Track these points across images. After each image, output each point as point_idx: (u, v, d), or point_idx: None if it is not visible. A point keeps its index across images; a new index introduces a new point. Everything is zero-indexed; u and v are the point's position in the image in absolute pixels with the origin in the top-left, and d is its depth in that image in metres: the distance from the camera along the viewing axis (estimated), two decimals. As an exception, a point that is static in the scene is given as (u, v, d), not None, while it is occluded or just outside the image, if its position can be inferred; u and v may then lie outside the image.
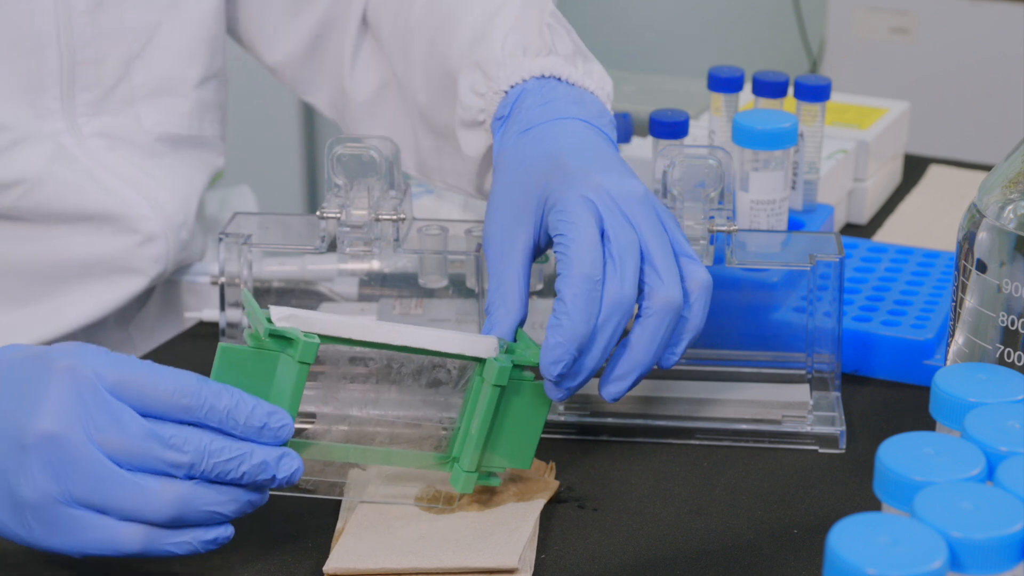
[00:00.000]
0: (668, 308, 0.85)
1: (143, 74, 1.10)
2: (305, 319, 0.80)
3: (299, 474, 0.79)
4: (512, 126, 0.96)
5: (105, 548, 0.77)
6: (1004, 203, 0.83)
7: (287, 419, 0.79)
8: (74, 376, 0.76)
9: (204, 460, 0.76)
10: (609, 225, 0.85)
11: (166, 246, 1.12)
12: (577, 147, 0.91)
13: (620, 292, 0.84)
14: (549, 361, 0.83)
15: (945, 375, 0.76)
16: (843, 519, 0.60)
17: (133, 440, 0.76)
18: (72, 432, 0.75)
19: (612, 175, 0.87)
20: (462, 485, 0.86)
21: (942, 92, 2.47)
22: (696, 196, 0.96)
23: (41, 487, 0.76)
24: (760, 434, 0.96)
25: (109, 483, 0.76)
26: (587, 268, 0.84)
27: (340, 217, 0.96)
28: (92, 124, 1.08)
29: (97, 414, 0.76)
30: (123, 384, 0.76)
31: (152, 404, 0.76)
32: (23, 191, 1.05)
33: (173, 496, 0.76)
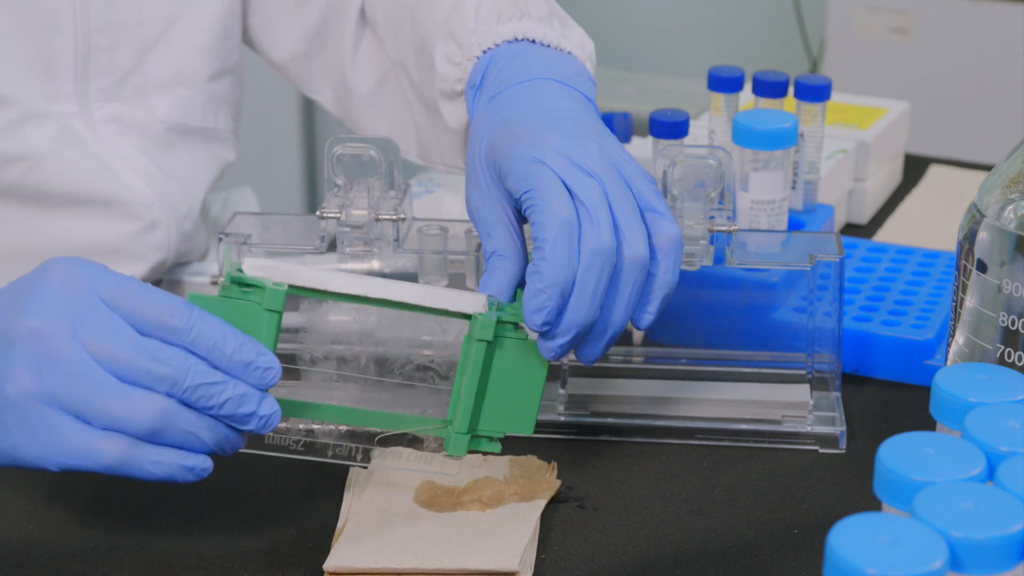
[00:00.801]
0: (634, 264, 0.82)
1: (157, 65, 1.11)
2: (279, 270, 0.79)
3: (276, 419, 0.78)
4: (483, 93, 0.95)
5: (82, 458, 0.76)
6: (1004, 203, 0.83)
7: (275, 363, 0.78)
8: (69, 279, 0.76)
9: (187, 378, 0.75)
10: (569, 179, 0.83)
11: (168, 234, 1.12)
12: (536, 109, 0.89)
13: (598, 238, 0.81)
14: (531, 309, 0.81)
15: (945, 375, 0.76)
16: (843, 519, 0.60)
17: (120, 346, 0.75)
18: (59, 330, 0.75)
19: (563, 136, 0.85)
20: (453, 447, 0.84)
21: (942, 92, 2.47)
22: (696, 196, 0.96)
23: (23, 384, 0.75)
24: (760, 434, 0.96)
25: (91, 385, 0.75)
26: (562, 211, 0.81)
27: (340, 217, 0.96)
28: (105, 110, 1.09)
29: (87, 317, 0.75)
30: (117, 295, 0.76)
31: (143, 319, 0.76)
32: (27, 167, 1.05)
33: (155, 407, 0.75)
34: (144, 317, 0.76)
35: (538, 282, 0.81)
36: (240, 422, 0.78)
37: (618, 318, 0.84)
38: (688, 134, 1.11)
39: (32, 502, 0.90)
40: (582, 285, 0.81)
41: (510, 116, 0.89)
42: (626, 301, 0.83)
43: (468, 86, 0.97)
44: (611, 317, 0.83)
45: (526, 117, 0.88)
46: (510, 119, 0.88)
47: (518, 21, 0.98)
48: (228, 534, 0.87)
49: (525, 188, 0.83)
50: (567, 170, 0.83)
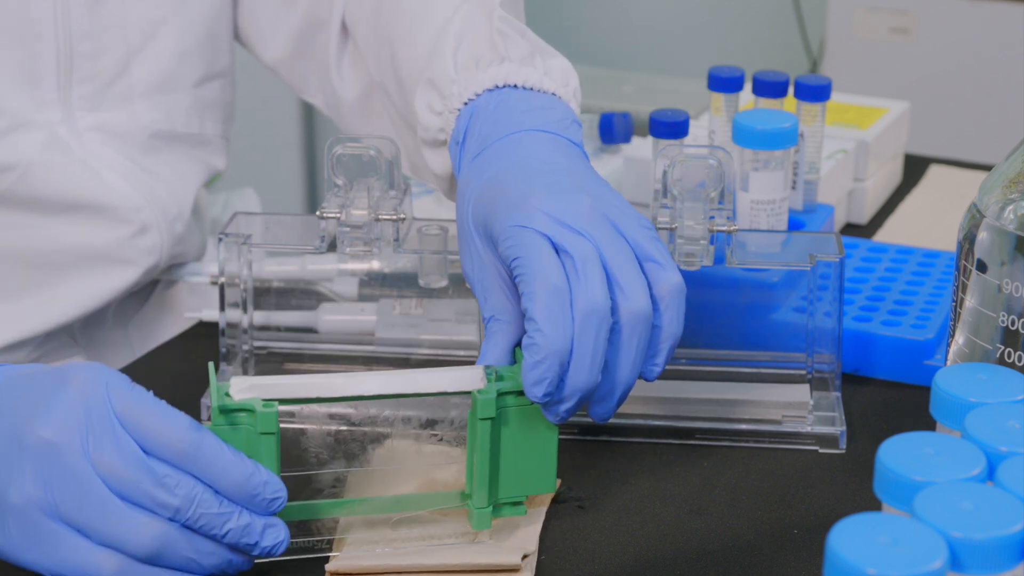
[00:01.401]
0: (635, 319, 0.81)
1: (142, 70, 1.10)
2: (266, 387, 0.79)
3: (283, 547, 0.78)
4: (467, 150, 0.92)
5: (79, 572, 0.76)
6: (1004, 203, 0.83)
7: (281, 491, 0.78)
8: (85, 391, 0.76)
9: (191, 508, 0.76)
10: (560, 241, 0.81)
11: (160, 238, 1.12)
12: (521, 166, 0.87)
13: (590, 299, 0.79)
14: (531, 382, 0.79)
15: (945, 375, 0.76)
16: (843, 519, 0.60)
17: (127, 467, 0.75)
18: (70, 444, 0.75)
19: (551, 195, 0.83)
20: (477, 522, 0.83)
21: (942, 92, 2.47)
22: (696, 196, 0.96)
23: (28, 493, 0.76)
24: (760, 434, 0.96)
25: (96, 503, 0.75)
26: (551, 278, 0.79)
27: (340, 217, 0.96)
28: (88, 118, 1.08)
29: (98, 432, 0.75)
30: (131, 413, 0.76)
31: (153, 441, 0.76)
32: (16, 176, 1.05)
33: (156, 532, 0.75)
34: (156, 439, 0.76)
35: (534, 354, 0.79)
36: (244, 550, 0.78)
37: (625, 375, 0.82)
38: (688, 134, 1.11)
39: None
40: (579, 348, 0.79)
41: (495, 176, 0.87)
42: (632, 357, 0.82)
43: (452, 141, 0.95)
44: (618, 375, 0.82)
45: (512, 177, 0.86)
46: (495, 179, 0.87)
47: (498, 66, 0.95)
48: (228, 534, 0.87)
49: (513, 256, 0.81)
50: (555, 231, 0.81)
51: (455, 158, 0.94)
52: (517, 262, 0.81)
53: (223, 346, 1.01)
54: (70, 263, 1.09)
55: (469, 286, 0.88)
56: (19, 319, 1.09)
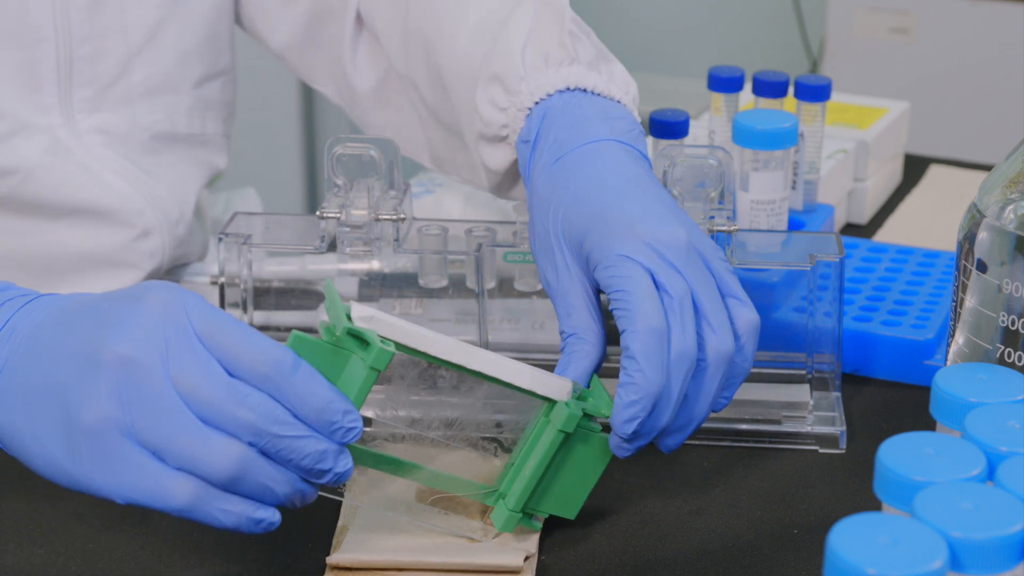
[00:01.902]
0: (722, 359, 0.84)
1: (142, 71, 1.10)
2: (385, 324, 0.78)
3: (350, 474, 0.77)
4: (542, 154, 0.92)
5: (152, 496, 0.73)
6: (1004, 203, 0.83)
7: (359, 422, 0.76)
8: (165, 308, 0.74)
9: (272, 428, 0.73)
10: (660, 277, 0.83)
11: (162, 241, 1.12)
12: (612, 187, 0.88)
13: (684, 343, 0.82)
14: (623, 420, 0.81)
15: (945, 375, 0.76)
16: (843, 519, 0.60)
17: (209, 385, 0.73)
18: (151, 361, 0.73)
19: (653, 223, 0.84)
20: (503, 524, 0.84)
21: (942, 92, 2.47)
22: (696, 196, 0.96)
23: (104, 411, 0.72)
24: (760, 434, 0.96)
25: (175, 423, 0.72)
26: (653, 321, 0.81)
27: (340, 217, 0.96)
28: (89, 121, 1.08)
29: (180, 351, 0.73)
30: (213, 332, 0.74)
31: (236, 361, 0.73)
32: (18, 181, 1.05)
33: (236, 454, 0.73)
34: (238, 359, 0.74)
35: (632, 393, 0.81)
36: (314, 476, 0.76)
37: (702, 411, 0.85)
38: (688, 134, 1.11)
39: (31, 501, 0.90)
40: (670, 391, 0.82)
41: (584, 192, 0.88)
42: (712, 394, 0.84)
43: (521, 140, 0.95)
44: (696, 409, 0.84)
45: (606, 197, 0.87)
46: (585, 195, 0.87)
47: (568, 67, 0.95)
48: (228, 534, 0.87)
49: (616, 287, 0.83)
50: (657, 266, 0.83)
51: (524, 158, 0.94)
52: (620, 295, 0.82)
53: (223, 346, 1.01)
54: (72, 267, 1.09)
55: (550, 297, 0.88)
56: None
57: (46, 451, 0.75)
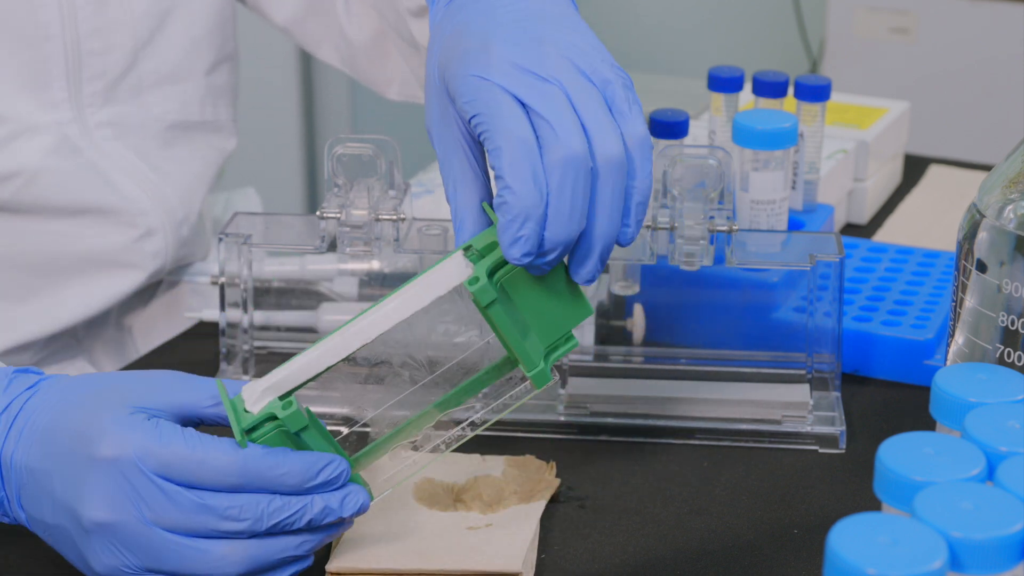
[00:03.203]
0: (610, 166, 0.75)
1: (152, 62, 1.10)
2: (278, 384, 0.78)
3: (367, 504, 0.78)
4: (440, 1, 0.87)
5: None
6: (1004, 203, 0.83)
7: (342, 465, 0.77)
8: (117, 465, 0.76)
9: (264, 520, 0.76)
10: (521, 91, 0.76)
11: (165, 241, 1.12)
12: (487, 15, 0.81)
13: (567, 146, 0.74)
14: (508, 244, 0.74)
15: (945, 375, 0.76)
16: (843, 519, 0.60)
17: (188, 515, 0.75)
18: (127, 518, 0.75)
19: (512, 44, 0.77)
20: (538, 382, 0.79)
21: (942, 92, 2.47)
22: (696, 196, 0.96)
23: (109, 563, 0.76)
24: (760, 434, 0.96)
25: (175, 555, 0.75)
26: (515, 131, 0.74)
27: (340, 217, 0.96)
28: (100, 114, 1.08)
29: (148, 497, 0.75)
30: (169, 464, 0.76)
31: (202, 481, 0.76)
32: (22, 183, 1.05)
33: (241, 556, 0.76)
34: (203, 479, 0.76)
35: (506, 213, 0.74)
36: (336, 527, 0.78)
37: (604, 227, 0.76)
38: (688, 134, 1.11)
39: (32, 502, 0.90)
40: (559, 198, 0.74)
41: (462, 23, 0.81)
42: (609, 208, 0.76)
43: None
44: (596, 229, 0.76)
45: (478, 24, 0.80)
46: (461, 27, 0.81)
47: None
48: (228, 534, 0.87)
49: (473, 112, 0.76)
50: (519, 80, 0.76)
51: (431, 11, 0.88)
52: (478, 119, 0.76)
53: (223, 346, 1.01)
54: (75, 267, 1.09)
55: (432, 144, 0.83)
56: (23, 323, 1.09)
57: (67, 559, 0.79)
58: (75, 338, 1.15)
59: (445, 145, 0.81)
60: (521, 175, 0.74)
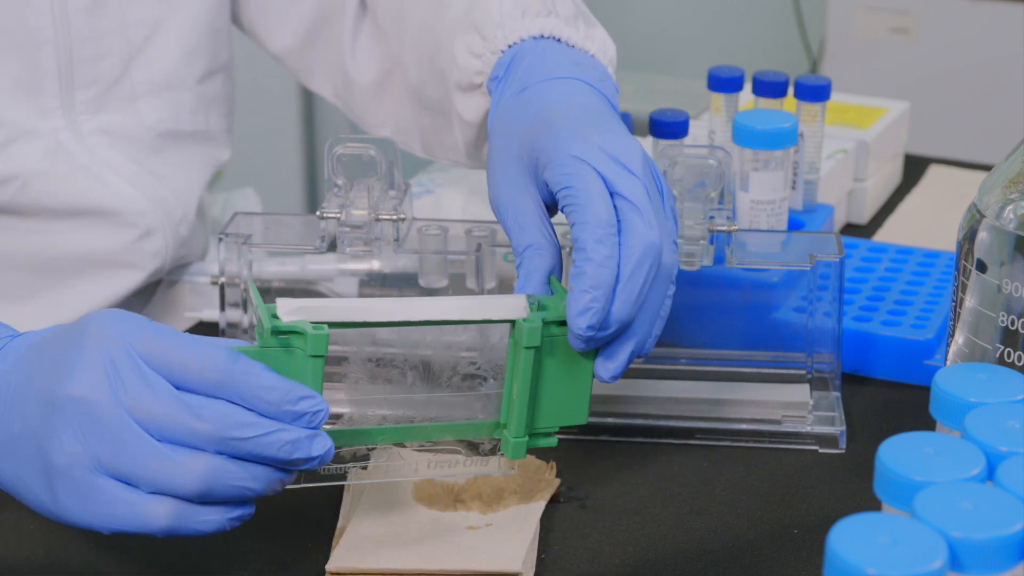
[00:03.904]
0: (667, 272, 0.82)
1: (145, 70, 1.10)
2: (314, 309, 0.78)
3: (331, 454, 0.77)
4: (508, 87, 0.94)
5: (133, 523, 0.74)
6: (1004, 203, 0.83)
7: (323, 405, 0.76)
8: (106, 342, 0.75)
9: (234, 432, 0.74)
10: (614, 180, 0.82)
11: (164, 241, 1.12)
12: (570, 104, 0.88)
13: (649, 234, 0.80)
14: (577, 312, 0.79)
15: (945, 375, 0.76)
16: (843, 519, 0.60)
17: (162, 406, 0.73)
18: (101, 396, 0.74)
19: (608, 134, 0.84)
20: (513, 452, 0.82)
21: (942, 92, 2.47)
22: (696, 196, 0.96)
23: (70, 451, 0.74)
24: (760, 434, 0.96)
25: (137, 450, 0.74)
26: (603, 214, 0.80)
27: (340, 217, 0.96)
28: (92, 122, 1.08)
29: (127, 379, 0.74)
30: (156, 353, 0.74)
31: (183, 376, 0.74)
32: (19, 186, 1.05)
33: (202, 468, 0.74)
34: (186, 373, 0.74)
35: (583, 283, 0.79)
36: (295, 465, 0.76)
37: (643, 327, 0.82)
38: (688, 134, 1.11)
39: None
40: (631, 280, 0.80)
41: (545, 109, 0.88)
42: (652, 309, 0.82)
43: (491, 78, 0.96)
44: (636, 325, 0.82)
45: (564, 111, 0.87)
46: (546, 112, 0.87)
47: (544, 18, 0.96)
48: (228, 534, 0.87)
49: (564, 184, 0.82)
50: (610, 168, 0.82)
51: (492, 93, 0.95)
52: (568, 191, 0.82)
53: (223, 346, 1.01)
54: (75, 268, 1.09)
55: (497, 217, 0.87)
56: (24, 323, 1.08)
57: (33, 494, 0.77)
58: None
59: (522, 213, 0.86)
60: (603, 251, 0.80)
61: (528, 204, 0.86)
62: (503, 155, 0.88)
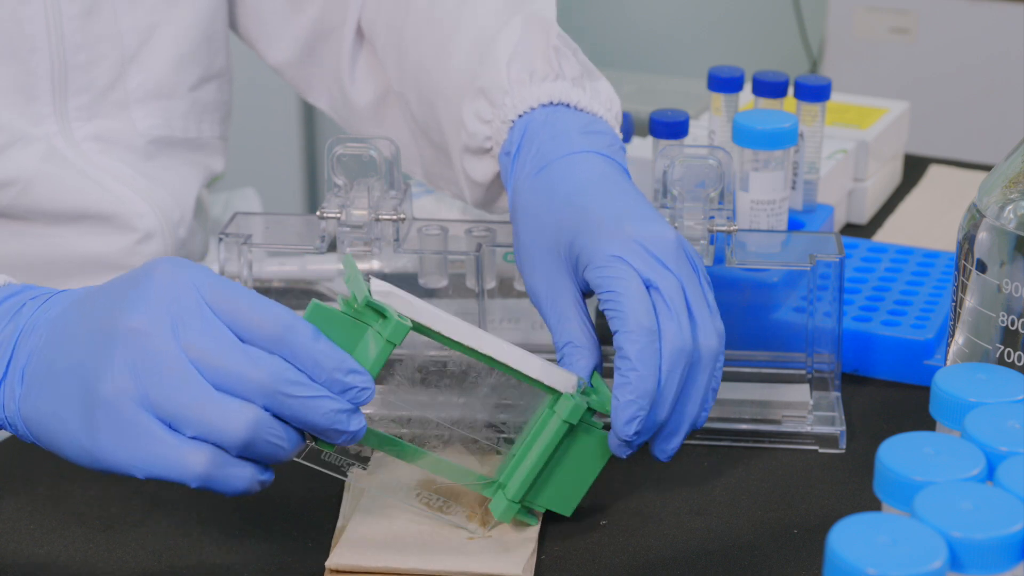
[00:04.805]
0: (712, 355, 0.84)
1: (138, 77, 1.10)
2: (402, 300, 0.79)
3: (362, 434, 0.77)
4: (524, 164, 0.94)
5: (171, 467, 0.73)
6: (1004, 203, 0.83)
7: (371, 385, 0.76)
8: (173, 282, 0.74)
9: (285, 388, 0.73)
10: (651, 276, 0.84)
11: (164, 244, 1.12)
12: (598, 189, 0.89)
13: (681, 339, 0.83)
14: (624, 420, 0.82)
15: (945, 375, 0.76)
16: (843, 519, 0.60)
17: (220, 351, 0.73)
18: (161, 331, 0.73)
19: (641, 224, 0.86)
20: (502, 513, 0.84)
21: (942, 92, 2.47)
22: (696, 196, 0.96)
23: (120, 384, 0.73)
24: (760, 434, 0.96)
25: (188, 390, 0.73)
26: (645, 321, 0.82)
27: (340, 217, 0.96)
28: (85, 128, 1.08)
29: (189, 319, 0.73)
30: (221, 300, 0.74)
31: (246, 326, 0.74)
32: (18, 191, 1.05)
33: (250, 418, 0.73)
34: (248, 323, 0.74)
35: (629, 393, 0.82)
36: (329, 437, 0.76)
37: (694, 410, 0.85)
38: (688, 134, 1.11)
39: (32, 502, 0.90)
40: (667, 385, 0.83)
41: (574, 197, 0.89)
42: (702, 394, 0.85)
43: (503, 152, 0.96)
44: (687, 410, 0.85)
45: (595, 199, 0.88)
46: (575, 200, 0.88)
47: (552, 83, 0.96)
48: (228, 534, 0.87)
49: (607, 288, 0.84)
50: (649, 264, 0.84)
51: (506, 169, 0.95)
52: (612, 295, 0.84)
53: (223, 346, 1.01)
54: (75, 271, 1.09)
55: (536, 306, 0.89)
56: None
57: (68, 430, 0.75)
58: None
59: (561, 310, 0.88)
60: (648, 362, 0.82)
61: (568, 301, 0.88)
62: (536, 246, 0.89)
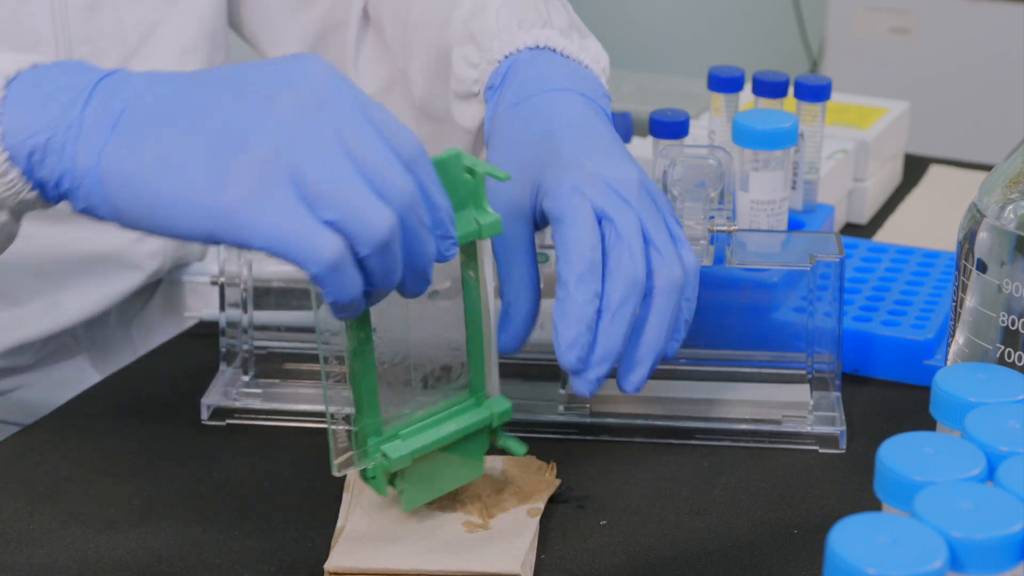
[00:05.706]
0: (671, 286, 0.85)
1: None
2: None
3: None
4: (505, 97, 0.95)
5: (299, 244, 0.70)
6: (1004, 203, 0.83)
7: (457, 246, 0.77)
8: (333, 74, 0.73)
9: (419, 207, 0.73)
10: (608, 209, 0.84)
11: (163, 241, 1.12)
12: (572, 126, 0.90)
13: (633, 269, 0.83)
14: (563, 348, 0.82)
15: (945, 375, 0.76)
16: (843, 519, 0.60)
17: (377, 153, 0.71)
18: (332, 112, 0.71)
19: (606, 161, 0.87)
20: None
21: (942, 92, 2.47)
22: (696, 196, 0.96)
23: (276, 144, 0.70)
24: (760, 434, 0.96)
25: (344, 176, 0.70)
26: (586, 250, 0.83)
27: (340, 217, 0.96)
28: None
29: (352, 114, 0.71)
30: (370, 105, 0.73)
31: (394, 133, 0.73)
32: None
33: (392, 223, 0.71)
34: (396, 133, 0.73)
35: (565, 320, 0.82)
36: (428, 258, 0.75)
37: (658, 340, 0.85)
38: (688, 134, 1.11)
39: (31, 501, 0.90)
40: (617, 315, 0.83)
41: (548, 133, 0.89)
42: (665, 323, 0.85)
43: (487, 87, 0.98)
44: (649, 340, 0.85)
45: (567, 136, 0.89)
46: (550, 136, 0.89)
47: (540, 29, 0.98)
48: (228, 534, 0.87)
49: (556, 217, 0.84)
50: (607, 198, 0.85)
51: (489, 103, 0.96)
52: (559, 225, 0.84)
53: (223, 346, 1.01)
54: (75, 268, 1.09)
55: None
56: (24, 324, 1.09)
57: (185, 177, 0.71)
58: (74, 338, 1.15)
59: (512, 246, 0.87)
60: (585, 289, 0.82)
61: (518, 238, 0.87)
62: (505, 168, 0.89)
